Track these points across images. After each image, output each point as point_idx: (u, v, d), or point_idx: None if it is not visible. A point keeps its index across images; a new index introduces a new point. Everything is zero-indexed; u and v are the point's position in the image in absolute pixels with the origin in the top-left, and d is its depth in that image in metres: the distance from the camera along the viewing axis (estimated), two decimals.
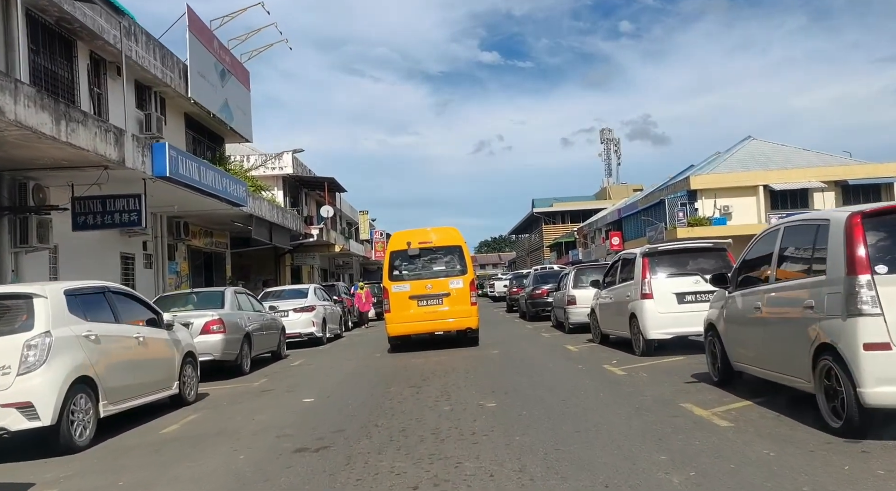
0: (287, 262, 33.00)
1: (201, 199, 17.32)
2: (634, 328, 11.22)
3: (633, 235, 50.33)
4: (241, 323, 12.74)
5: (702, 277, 10.77)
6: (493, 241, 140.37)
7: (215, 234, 23.63)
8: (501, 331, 18.83)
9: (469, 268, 14.60)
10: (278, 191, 32.60)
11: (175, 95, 20.20)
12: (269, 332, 14.40)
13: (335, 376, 11.57)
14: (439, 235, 14.73)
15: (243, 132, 25.28)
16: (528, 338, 16.20)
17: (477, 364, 11.68)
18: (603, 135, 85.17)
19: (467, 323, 14.31)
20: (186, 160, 15.30)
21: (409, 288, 14.21)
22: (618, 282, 12.29)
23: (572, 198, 78.64)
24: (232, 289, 13.50)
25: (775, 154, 44.91)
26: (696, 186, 42.53)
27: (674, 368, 9.62)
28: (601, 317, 13.21)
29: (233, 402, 9.61)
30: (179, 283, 20.59)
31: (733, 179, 42.27)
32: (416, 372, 11.17)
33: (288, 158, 32.10)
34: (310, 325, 17.72)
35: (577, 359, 11.53)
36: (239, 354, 12.42)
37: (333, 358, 14.85)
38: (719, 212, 42.44)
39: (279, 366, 13.98)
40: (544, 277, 21.81)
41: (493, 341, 15.62)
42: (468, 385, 9.35)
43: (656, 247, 11.37)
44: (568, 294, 16.11)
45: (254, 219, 21.48)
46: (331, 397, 9.29)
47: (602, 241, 56.58)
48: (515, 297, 26.80)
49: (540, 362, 11.37)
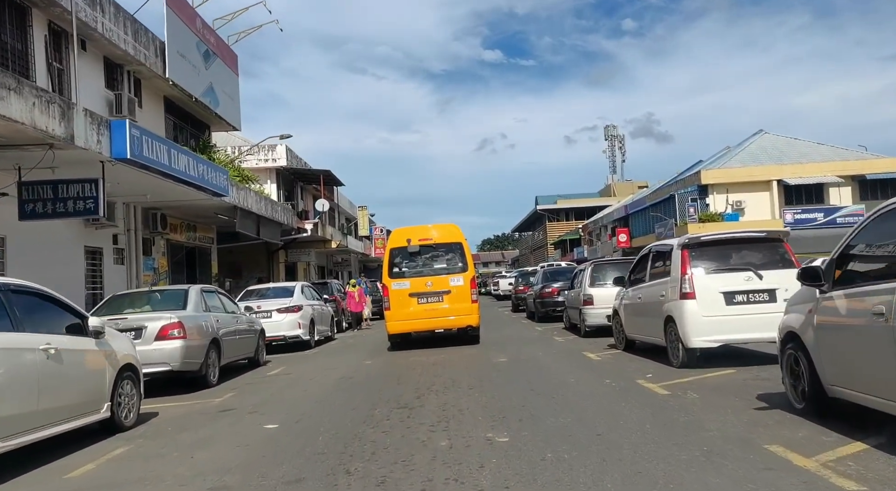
0: (281, 258, 31.06)
1: (176, 187, 15.39)
2: (671, 334, 9.24)
3: (641, 232, 48.29)
4: (207, 326, 10.78)
5: (754, 273, 8.81)
6: (496, 239, 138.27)
7: (199, 227, 21.69)
8: (508, 333, 16.85)
9: (470, 265, 14.14)
10: (272, 184, 30.67)
11: (152, 76, 18.26)
12: (243, 336, 12.44)
13: (313, 391, 9.61)
14: (440, 232, 14.32)
15: (231, 119, 23.34)
16: (540, 342, 14.22)
17: (482, 376, 9.72)
18: (607, 131, 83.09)
19: (468, 321, 13.89)
20: (153, 142, 13.34)
21: (409, 285, 13.81)
22: (648, 279, 10.32)
23: (576, 195, 76.62)
24: (198, 287, 11.54)
25: (789, 148, 42.85)
26: (708, 181, 40.55)
27: (728, 386, 7.64)
28: (626, 319, 11.23)
29: (181, 427, 7.64)
30: (157, 280, 18.65)
31: (746, 174, 40.29)
32: (411, 386, 9.22)
33: (282, 150, 30.15)
34: (295, 327, 15.76)
35: (601, 370, 9.54)
36: (204, 364, 10.47)
37: (318, 365, 12.89)
38: (731, 207, 40.44)
39: (254, 376, 12.02)
40: (554, 274, 19.84)
41: (499, 346, 13.66)
42: (472, 407, 7.39)
43: (698, 236, 9.39)
44: (584, 293, 14.13)
45: (238, 211, 19.53)
46: (300, 422, 7.34)
47: (609, 237, 54.59)
48: (522, 295, 24.83)
49: (558, 374, 9.40)
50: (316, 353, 15.51)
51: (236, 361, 12.41)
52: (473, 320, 13.94)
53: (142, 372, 8.14)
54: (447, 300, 13.80)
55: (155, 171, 13.71)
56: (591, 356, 11.14)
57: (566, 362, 10.65)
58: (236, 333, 12.02)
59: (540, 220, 76.84)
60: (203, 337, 10.54)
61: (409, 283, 13.86)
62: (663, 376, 8.52)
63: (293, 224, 25.43)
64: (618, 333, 11.78)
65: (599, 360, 10.69)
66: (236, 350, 12.06)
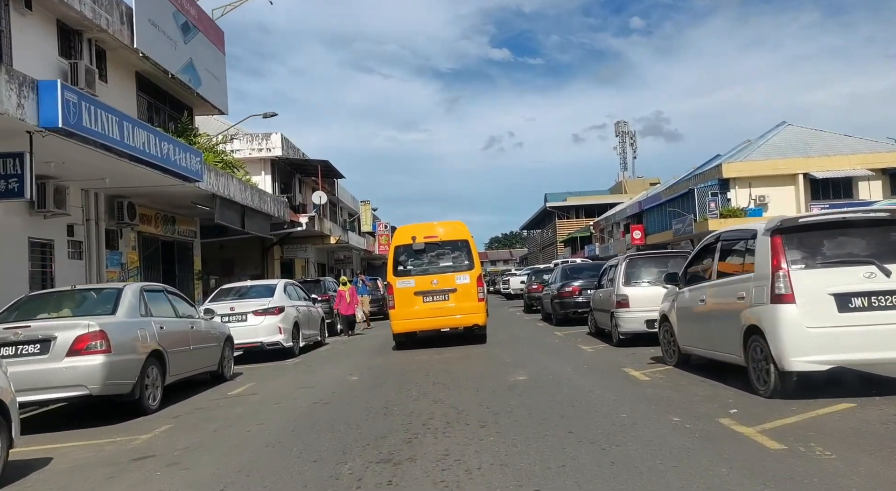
0: (276, 254, 28.60)
1: (138, 170, 12.94)
2: (756, 351, 6.66)
3: (657, 228, 45.62)
4: (145, 336, 8.28)
5: (878, 267, 6.23)
6: (504, 238, 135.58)
7: (179, 219, 19.22)
8: (524, 339, 14.27)
9: (476, 263, 13.64)
10: (266, 175, 28.20)
11: (118, 46, 15.78)
12: (201, 346, 9.92)
13: (273, 424, 7.09)
14: (445, 229, 13.84)
15: (216, 101, 20.86)
16: (564, 352, 11.64)
17: (497, 405, 7.16)
18: (618, 127, 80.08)
19: (474, 319, 13.39)
20: (97, 110, 10.84)
21: (415, 283, 13.32)
22: (715, 275, 7.74)
23: (586, 192, 73.96)
24: (137, 286, 9.01)
25: (814, 140, 40.08)
26: (729, 175, 37.87)
27: (864, 432, 5.08)
28: (681, 328, 8.65)
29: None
30: (125, 277, 16.19)
31: (770, 167, 37.58)
32: (401, 418, 6.69)
33: (276, 139, 27.66)
34: (275, 331, 13.23)
35: (660, 400, 6.93)
36: (138, 385, 7.96)
37: (293, 381, 10.37)
38: (754, 202, 37.75)
39: (210, 396, 9.50)
40: (575, 271, 17.23)
41: (515, 356, 11.12)
42: (485, 467, 4.84)
43: (794, 218, 6.80)
44: (617, 293, 11.55)
45: (218, 200, 17.02)
46: (233, 486, 4.83)
47: (622, 234, 51.92)
48: (536, 295, 22.26)
49: (601, 406, 6.83)
50: (298, 362, 12.98)
51: (195, 375, 9.91)
52: (480, 319, 13.43)
53: (15, 408, 5.63)
54: (453, 299, 13.22)
55: (101, 147, 11.23)
56: (636, 375, 8.56)
57: (607, 384, 8.07)
58: (190, 342, 9.50)
59: (549, 218, 74.22)
60: (137, 350, 8.04)
61: (414, 281, 13.34)
62: (754, 413, 5.94)
63: (286, 217, 22.89)
64: (667, 345, 9.20)
65: (649, 381, 8.10)
66: (190, 364, 9.54)
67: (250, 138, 27.64)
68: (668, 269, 11.68)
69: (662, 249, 21.84)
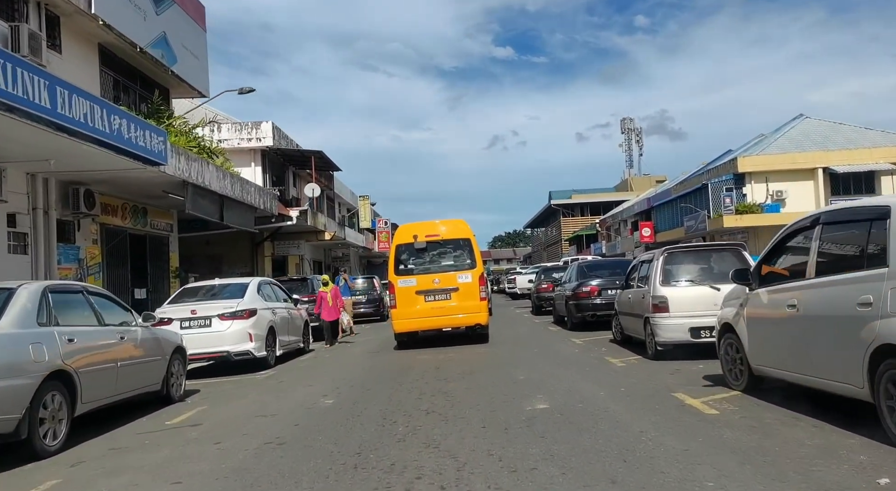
0: (267, 251, 26.43)
1: (85, 149, 10.78)
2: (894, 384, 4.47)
3: (668, 226, 43.35)
4: (39, 355, 6.10)
5: None
6: (507, 236, 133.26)
7: (152, 211, 17.04)
8: (538, 348, 12.05)
9: (478, 262, 13.27)
10: (256, 166, 26.04)
11: (73, 11, 13.61)
12: (136, 361, 7.74)
13: (196, 481, 4.92)
14: (447, 228, 13.53)
15: (195, 82, 18.70)
16: (590, 367, 9.39)
17: (515, 454, 4.95)
18: (624, 124, 77.64)
19: (476, 319, 13.07)
20: (16, 69, 8.69)
21: (416, 283, 13.01)
22: (814, 272, 5.53)
23: (592, 190, 71.70)
24: (37, 285, 6.80)
25: (834, 133, 37.75)
26: (745, 169, 35.59)
27: None
28: (755, 341, 6.42)
29: None
30: (83, 275, 14.04)
31: (788, 161, 35.28)
32: (378, 480, 4.52)
33: (267, 128, 25.49)
34: (244, 339, 11.03)
35: (755, 456, 4.64)
36: (23, 420, 5.79)
37: (253, 406, 8.17)
38: (771, 197, 35.48)
39: (139, 428, 7.29)
40: (594, 268, 14.99)
41: (531, 372, 8.91)
42: None
43: None
44: (654, 295, 9.32)
45: (189, 187, 14.83)
46: None
47: (630, 232, 49.69)
48: (545, 295, 20.07)
49: (668, 461, 4.60)
50: (270, 376, 10.79)
51: (127, 399, 7.73)
52: (482, 319, 13.11)
53: None
54: (455, 298, 12.90)
55: (26, 117, 9.06)
56: (696, 405, 6.33)
57: (662, 420, 5.84)
58: (118, 358, 7.32)
59: (554, 216, 71.98)
60: (21, 374, 5.86)
61: (415, 280, 13.01)
62: None
63: (273, 210, 20.68)
64: (731, 363, 6.98)
65: (719, 415, 5.88)
66: (117, 386, 7.35)
67: (239, 127, 25.48)
68: (711, 265, 9.53)
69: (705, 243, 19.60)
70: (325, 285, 15.31)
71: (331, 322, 15.19)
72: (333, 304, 15.06)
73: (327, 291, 15.11)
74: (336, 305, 15.19)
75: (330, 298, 15.04)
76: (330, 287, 15.23)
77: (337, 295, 15.30)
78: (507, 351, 11.65)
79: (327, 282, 15.48)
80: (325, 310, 14.99)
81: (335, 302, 15.13)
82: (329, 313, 15.04)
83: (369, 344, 14.75)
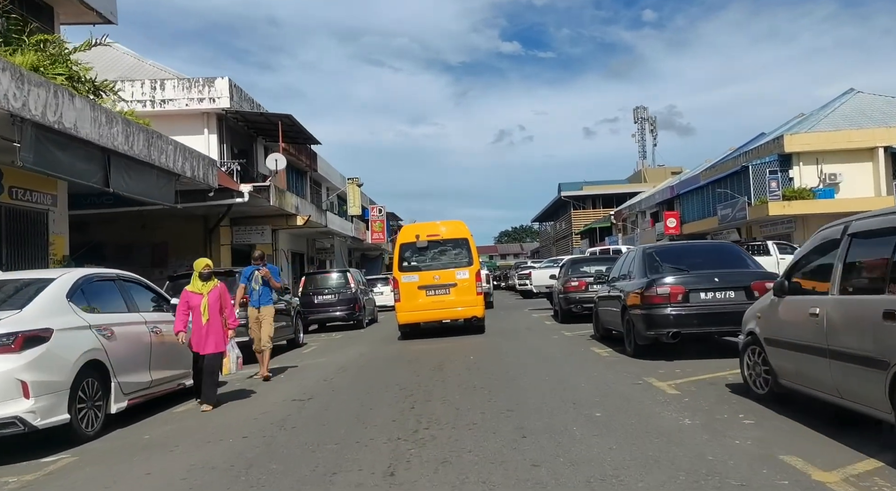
0: (224, 238, 20.66)
1: None
2: None
3: (696, 215, 37.40)
4: None
5: None
6: (514, 231, 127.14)
7: (12, 174, 11.26)
8: (618, 427, 6.26)
9: (475, 259, 13.75)
10: (210, 134, 20.31)
11: None
12: None
13: None
14: (447, 228, 14.07)
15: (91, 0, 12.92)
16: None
17: None
18: (637, 113, 71.46)
19: (473, 312, 13.48)
20: None
21: (418, 279, 13.48)
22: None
23: (604, 181, 65.68)
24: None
25: (893, 109, 31.70)
26: (792, 149, 29.63)
27: None
28: None
29: None
30: None
31: (843, 139, 29.31)
32: None
33: (223, 86, 19.73)
34: (10, 394, 5.25)
35: None
36: None
37: None
38: (823, 181, 29.50)
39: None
40: (671, 256, 8.88)
41: None
42: None
43: None
44: None
45: (29, 128, 8.99)
46: None
47: (651, 224, 43.76)
48: (575, 295, 14.23)
49: None
50: (47, 475, 5.02)
51: None
52: (479, 312, 13.52)
53: None
54: (454, 293, 13.41)
55: None
56: None
57: None
58: None
59: (564, 208, 65.96)
60: None
61: (417, 276, 13.53)
62: None
63: (211, 181, 14.81)
64: None
65: None
66: None
67: (187, 84, 19.73)
68: None
69: None
70: (206, 280, 7.34)
71: (210, 357, 7.19)
72: (212, 320, 7.18)
73: (205, 292, 7.24)
74: (217, 322, 7.24)
75: (206, 307, 7.14)
76: (209, 286, 7.30)
77: (228, 306, 7.45)
78: (536, 411, 5.83)
79: (209, 276, 7.38)
80: (194, 332, 7.18)
81: (214, 316, 7.20)
82: (199, 341, 7.18)
83: (307, 382, 8.73)
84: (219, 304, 7.27)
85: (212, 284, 7.34)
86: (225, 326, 7.34)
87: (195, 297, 7.19)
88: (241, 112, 20.15)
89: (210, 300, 7.19)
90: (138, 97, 19.45)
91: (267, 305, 9.59)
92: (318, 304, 17.00)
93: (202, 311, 7.12)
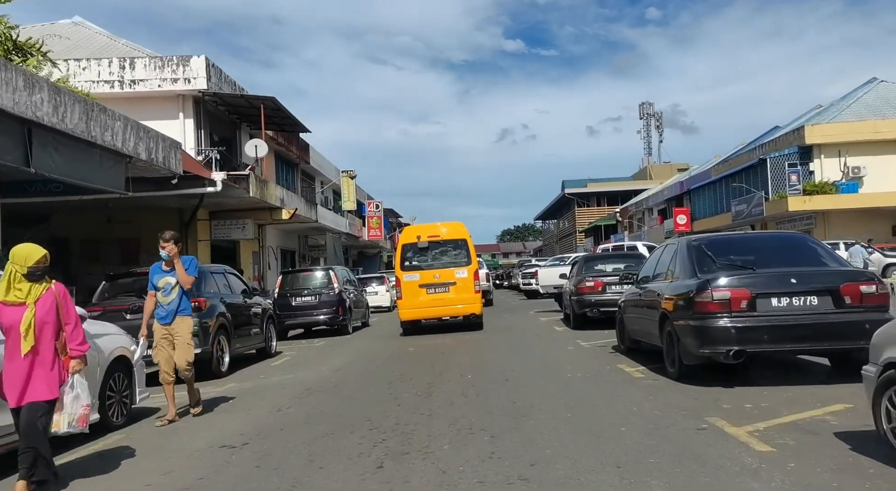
0: (202, 233, 18.63)
1: None
2: None
3: (708, 212, 35.29)
4: None
5: None
6: (517, 230, 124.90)
7: None
8: None
9: (473, 259, 14.14)
10: (186, 118, 18.26)
11: None
12: None
13: None
14: (447, 229, 14.43)
15: None
16: None
17: None
18: (643, 109, 69.28)
19: (471, 309, 13.87)
20: None
21: (419, 277, 13.83)
22: None
23: (609, 178, 63.54)
24: None
25: None
26: (813, 140, 27.49)
27: None
28: None
29: None
30: None
31: (869, 129, 27.19)
32: None
33: (199, 65, 17.68)
34: None
35: None
36: None
37: None
38: (846, 174, 27.38)
39: None
40: (722, 249, 6.74)
41: None
42: None
43: None
44: None
45: None
46: None
47: (659, 221, 41.64)
48: (590, 298, 12.15)
49: None
50: None
51: None
52: (477, 309, 13.88)
53: None
54: (453, 291, 13.76)
55: None
56: None
57: None
58: None
59: (568, 206, 63.86)
60: None
61: (418, 275, 13.83)
62: None
63: (174, 166, 12.79)
64: None
65: None
66: None
67: (160, 63, 17.69)
68: None
69: None
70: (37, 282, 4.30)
71: (31, 409, 4.15)
72: (40, 348, 4.20)
73: (25, 300, 4.22)
74: (48, 351, 4.24)
75: (29, 326, 4.17)
76: (38, 291, 4.26)
77: (54, 317, 4.28)
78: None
79: (43, 271, 4.31)
80: (6, 371, 4.19)
81: (45, 341, 4.23)
82: (22, 381, 4.16)
83: (254, 415, 6.68)
84: (53, 320, 4.30)
85: (42, 289, 4.31)
86: (61, 355, 4.36)
87: (12, 311, 4.21)
88: (219, 94, 18.10)
89: (39, 315, 4.23)
90: (105, 77, 17.43)
91: (184, 315, 6.71)
92: (296, 306, 14.86)
93: (23, 333, 4.15)
